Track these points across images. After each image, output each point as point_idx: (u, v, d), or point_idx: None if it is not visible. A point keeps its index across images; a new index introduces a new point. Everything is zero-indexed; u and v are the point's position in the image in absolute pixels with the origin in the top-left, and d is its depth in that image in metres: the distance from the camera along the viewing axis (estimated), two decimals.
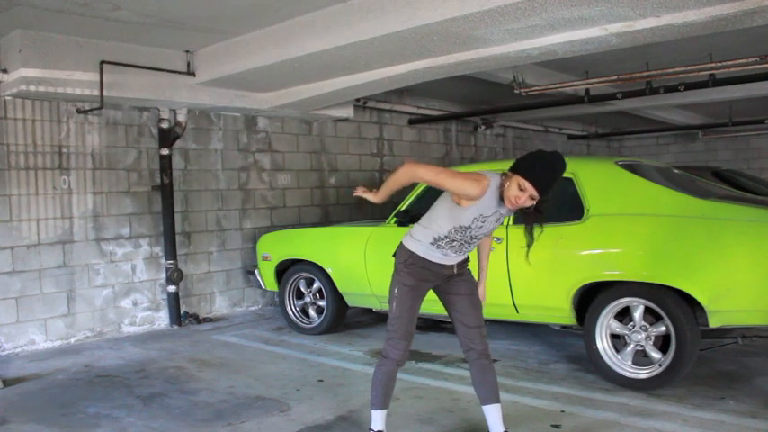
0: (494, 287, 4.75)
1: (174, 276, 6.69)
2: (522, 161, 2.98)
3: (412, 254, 3.17)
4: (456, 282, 3.26)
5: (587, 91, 7.83)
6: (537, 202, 2.95)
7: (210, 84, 6.38)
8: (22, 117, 5.82)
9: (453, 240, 3.10)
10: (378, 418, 3.27)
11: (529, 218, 3.06)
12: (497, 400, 3.24)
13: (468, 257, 3.30)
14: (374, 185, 9.41)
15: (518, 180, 2.90)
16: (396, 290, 3.20)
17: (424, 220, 3.21)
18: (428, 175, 2.99)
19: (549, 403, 4.03)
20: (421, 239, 3.16)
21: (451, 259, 3.19)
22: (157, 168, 6.70)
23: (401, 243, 3.27)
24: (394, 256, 3.29)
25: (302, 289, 6.22)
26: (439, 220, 3.10)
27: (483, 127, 11.23)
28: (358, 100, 8.28)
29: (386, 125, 9.53)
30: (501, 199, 2.99)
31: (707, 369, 4.61)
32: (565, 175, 4.61)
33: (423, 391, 4.33)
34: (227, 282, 7.44)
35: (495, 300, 4.80)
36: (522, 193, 2.90)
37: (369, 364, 4.97)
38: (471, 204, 2.99)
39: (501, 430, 3.21)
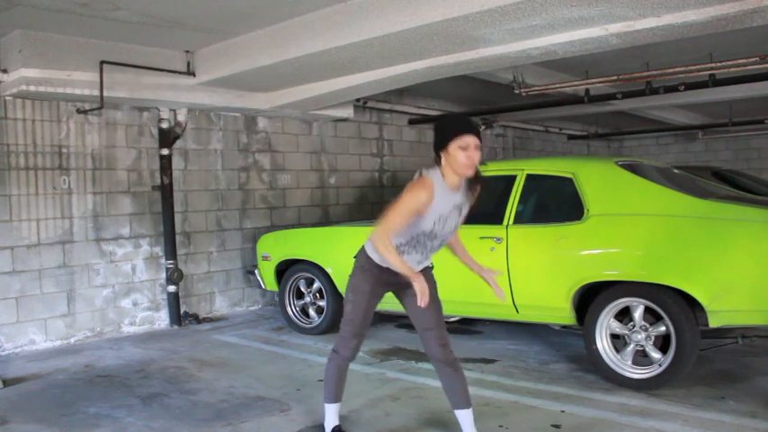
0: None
1: (174, 276, 6.69)
2: (438, 135, 2.93)
3: (369, 259, 3.16)
4: (411, 296, 3.11)
5: (587, 91, 7.83)
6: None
7: (210, 84, 6.38)
8: (22, 117, 5.82)
9: (416, 244, 3.05)
10: (331, 413, 3.40)
11: (473, 181, 2.99)
12: (467, 406, 3.20)
13: (431, 265, 3.26)
14: (374, 185, 9.44)
15: (452, 148, 2.85)
16: (350, 294, 3.24)
17: None
18: (390, 224, 2.89)
19: (549, 403, 4.02)
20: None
21: (413, 266, 3.09)
22: (157, 168, 6.70)
23: (362, 246, 3.25)
24: (355, 257, 3.27)
25: (302, 289, 6.22)
26: (403, 230, 2.99)
27: (483, 127, 11.21)
28: (358, 100, 8.28)
29: (386, 125, 9.53)
30: (450, 189, 2.95)
31: (707, 369, 4.61)
32: (565, 175, 4.69)
33: (423, 391, 4.33)
34: (227, 282, 7.44)
35: (495, 300, 4.79)
36: (465, 150, 2.84)
37: (369, 364, 4.97)
38: (429, 209, 2.92)
39: None
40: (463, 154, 2.84)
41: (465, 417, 3.22)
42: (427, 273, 3.24)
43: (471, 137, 2.85)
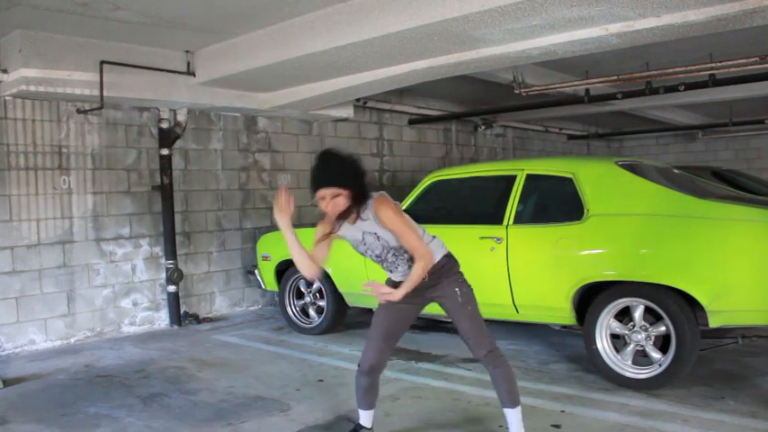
0: (494, 287, 4.77)
1: (174, 276, 6.69)
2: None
3: (387, 278, 3.28)
4: (438, 290, 3.17)
5: (587, 91, 7.83)
6: (350, 195, 2.97)
7: (210, 84, 6.38)
8: (22, 117, 5.82)
9: (378, 263, 3.21)
10: (364, 416, 3.44)
11: (358, 210, 3.05)
12: (510, 405, 3.16)
13: (443, 265, 3.18)
14: (374, 185, 9.45)
15: (317, 197, 3.02)
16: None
17: None
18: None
19: (549, 403, 4.02)
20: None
21: (396, 275, 3.19)
22: (157, 168, 6.70)
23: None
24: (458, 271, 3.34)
25: (302, 289, 6.22)
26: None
27: (483, 127, 11.23)
28: (358, 100, 8.28)
29: (386, 125, 9.53)
30: (351, 224, 3.10)
31: (707, 369, 4.61)
32: (565, 175, 4.68)
33: (423, 391, 4.33)
34: (227, 282, 7.44)
35: (495, 300, 4.81)
36: (322, 201, 3.00)
37: None
38: (338, 233, 3.16)
39: None
40: (322, 204, 3.02)
41: (509, 415, 3.19)
42: (441, 281, 3.18)
43: (322, 190, 2.98)
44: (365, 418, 3.42)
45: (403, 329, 3.33)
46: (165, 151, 6.70)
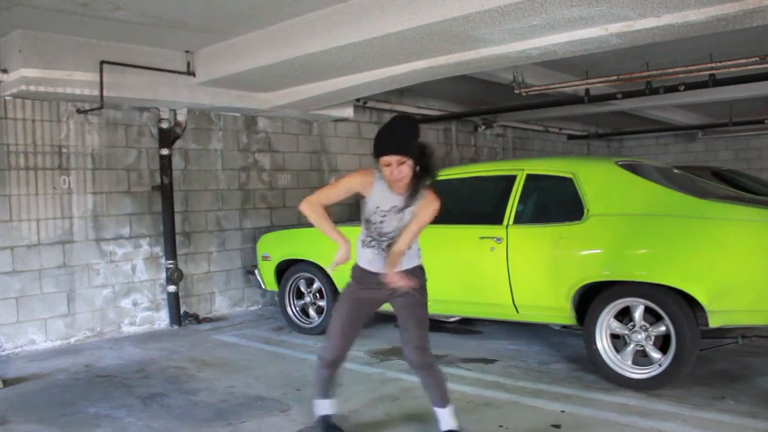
0: (494, 287, 4.77)
1: (174, 276, 6.69)
2: (372, 148, 3.10)
3: (355, 264, 3.33)
4: (401, 294, 3.22)
5: (587, 91, 7.83)
6: (419, 165, 3.04)
7: (210, 84, 6.38)
8: (22, 117, 5.82)
9: (370, 237, 3.22)
10: (326, 406, 3.52)
11: (416, 192, 3.10)
12: (441, 405, 3.29)
13: (418, 269, 3.27)
14: None
15: (380, 162, 3.02)
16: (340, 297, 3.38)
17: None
18: (321, 191, 3.22)
19: (549, 403, 4.02)
20: (358, 244, 3.30)
21: (375, 265, 3.22)
22: (157, 168, 6.70)
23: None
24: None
25: (302, 289, 6.22)
26: (362, 220, 3.26)
27: (483, 127, 11.23)
28: (358, 100, 8.28)
29: None
30: (390, 190, 3.12)
31: (707, 369, 4.61)
32: (565, 175, 4.68)
33: (423, 390, 4.31)
34: (227, 282, 7.44)
35: (495, 300, 4.81)
36: (389, 167, 3.01)
37: (369, 364, 4.97)
38: (369, 196, 3.14)
39: (444, 429, 3.29)
40: (387, 170, 3.03)
41: (440, 414, 3.31)
42: (409, 292, 3.22)
43: (390, 157, 2.99)
44: (328, 407, 3.52)
45: (362, 323, 3.41)
46: (165, 151, 6.70)
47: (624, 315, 4.33)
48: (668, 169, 5.20)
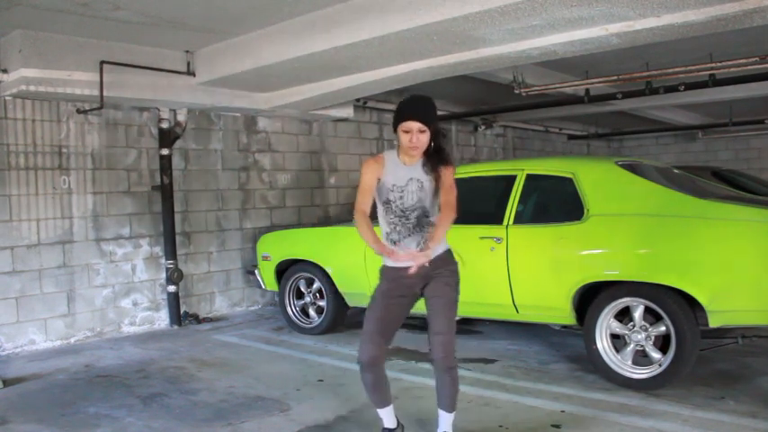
0: (494, 287, 4.77)
1: (174, 276, 6.69)
2: (394, 116, 3.13)
3: (382, 265, 3.25)
4: (431, 284, 3.21)
5: (587, 91, 7.83)
6: (432, 143, 3.08)
7: (210, 84, 6.38)
8: (22, 117, 5.82)
9: (392, 224, 3.16)
10: (383, 416, 3.30)
11: (432, 160, 3.14)
12: (448, 410, 3.23)
13: (446, 253, 3.26)
14: None
15: (399, 131, 3.05)
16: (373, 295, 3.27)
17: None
18: (357, 203, 3.12)
19: (549, 403, 4.02)
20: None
21: (412, 246, 3.15)
22: (157, 168, 6.70)
23: None
24: None
25: (302, 289, 6.22)
26: (379, 216, 3.21)
27: (483, 127, 11.23)
28: (358, 100, 8.28)
29: (386, 125, 9.52)
30: (404, 164, 3.12)
31: (707, 369, 4.61)
32: (565, 175, 4.68)
33: (423, 390, 4.32)
34: (227, 282, 7.44)
35: (495, 300, 4.81)
36: (408, 134, 3.03)
37: None
38: (383, 177, 3.13)
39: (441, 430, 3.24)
40: (406, 137, 3.04)
41: (442, 416, 3.26)
42: (442, 272, 3.21)
43: (413, 122, 3.01)
44: (386, 417, 3.30)
45: (398, 323, 3.28)
46: (165, 151, 6.69)
47: (624, 315, 4.33)
48: (668, 169, 5.20)
